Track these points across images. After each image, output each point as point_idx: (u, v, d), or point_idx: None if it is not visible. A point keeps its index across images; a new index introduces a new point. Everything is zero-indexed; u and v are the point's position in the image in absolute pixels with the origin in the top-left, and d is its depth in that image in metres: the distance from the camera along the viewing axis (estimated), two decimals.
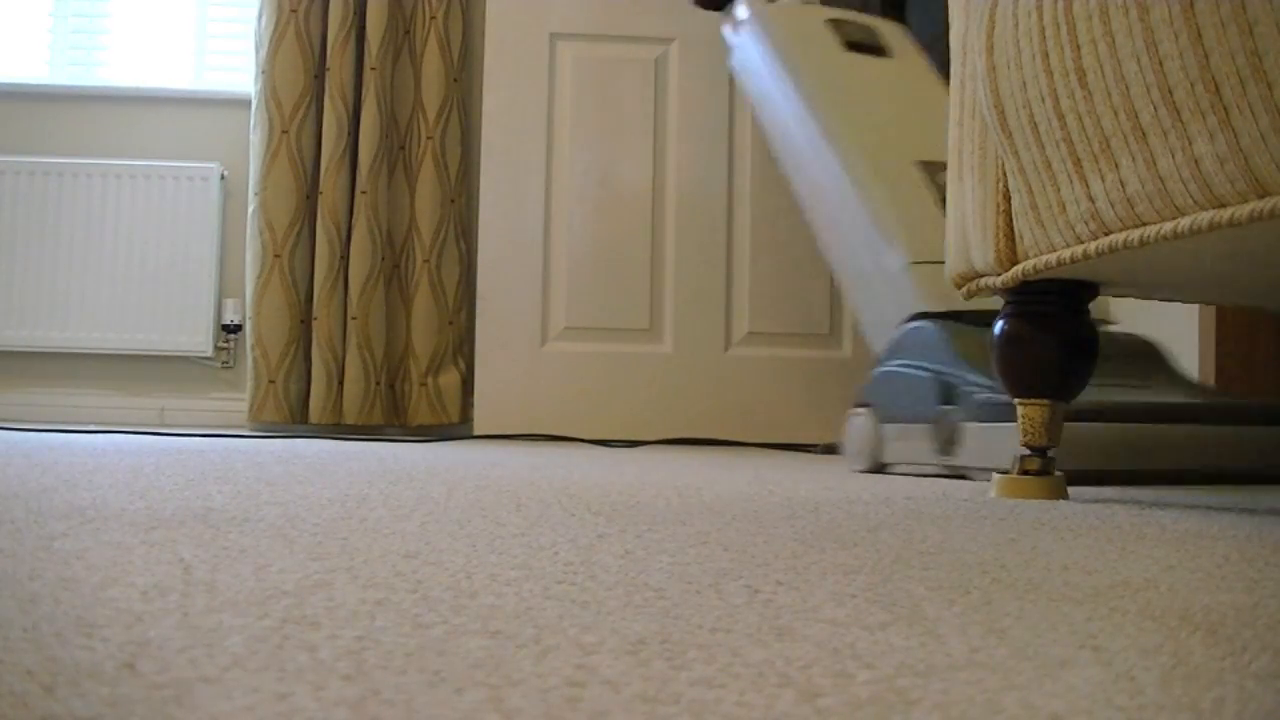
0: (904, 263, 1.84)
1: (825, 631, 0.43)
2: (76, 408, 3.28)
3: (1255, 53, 0.82)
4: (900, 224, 1.90)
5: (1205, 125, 0.87)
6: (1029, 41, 1.06)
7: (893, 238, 1.89)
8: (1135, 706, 0.33)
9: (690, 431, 2.94)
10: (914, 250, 1.84)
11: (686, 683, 0.35)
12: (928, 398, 1.62)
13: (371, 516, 0.83)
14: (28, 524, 0.71)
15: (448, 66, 3.28)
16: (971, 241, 1.25)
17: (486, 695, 0.32)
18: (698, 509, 0.96)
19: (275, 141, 3.17)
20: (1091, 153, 1.00)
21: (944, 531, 0.82)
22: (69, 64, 3.53)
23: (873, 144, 2.02)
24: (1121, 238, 0.99)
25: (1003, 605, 0.50)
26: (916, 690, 0.34)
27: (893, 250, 1.88)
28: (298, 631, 0.40)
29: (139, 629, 0.40)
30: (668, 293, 3.01)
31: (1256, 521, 0.99)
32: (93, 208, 3.31)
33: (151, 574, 0.53)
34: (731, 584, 0.54)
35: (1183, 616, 0.48)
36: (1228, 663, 0.39)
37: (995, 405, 1.45)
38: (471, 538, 0.71)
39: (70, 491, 0.95)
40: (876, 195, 1.95)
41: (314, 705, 0.31)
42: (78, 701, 0.30)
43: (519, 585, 0.52)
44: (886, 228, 1.91)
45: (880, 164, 1.98)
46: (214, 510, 0.83)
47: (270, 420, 3.16)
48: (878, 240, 1.92)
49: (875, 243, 1.92)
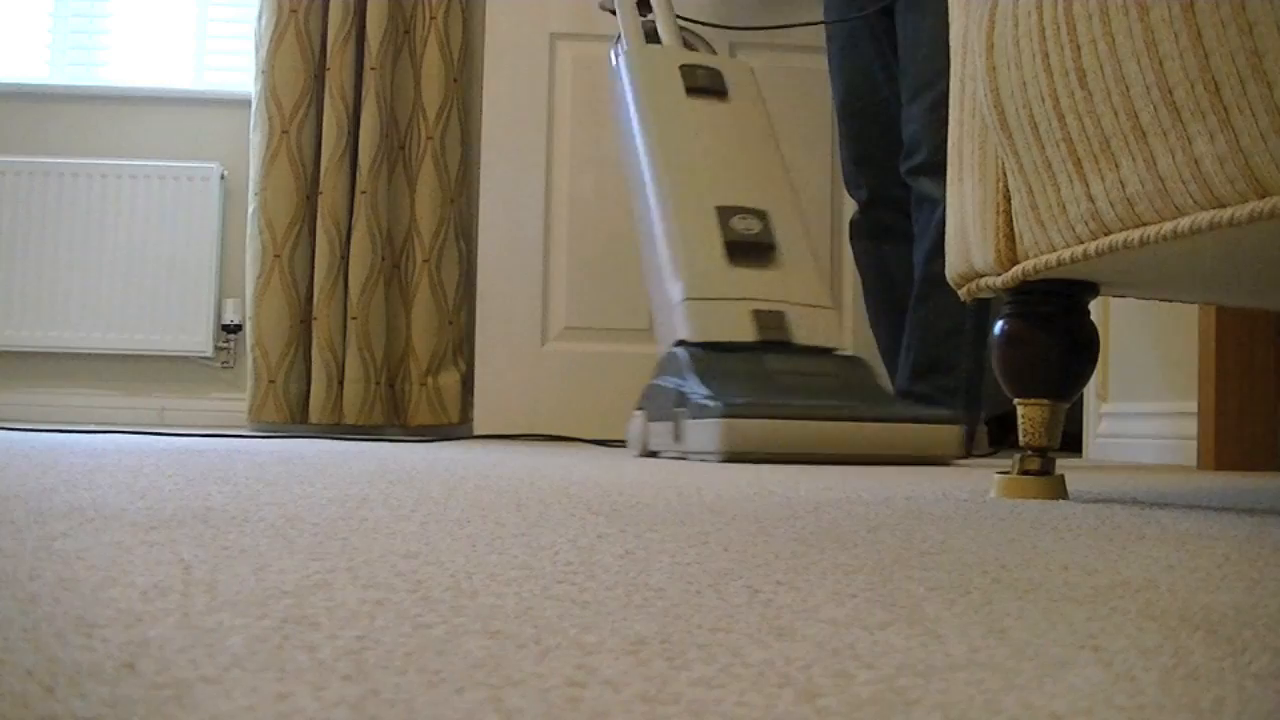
0: (680, 298, 2.22)
1: (825, 631, 0.43)
2: (76, 408, 3.28)
3: (1255, 53, 0.82)
4: (684, 263, 2.24)
5: (1205, 125, 0.87)
6: (1029, 41, 1.06)
7: (676, 274, 2.24)
8: (1135, 706, 0.33)
9: None
10: (690, 288, 2.21)
11: (686, 683, 0.35)
12: (670, 402, 2.15)
13: (371, 517, 0.83)
14: (28, 524, 0.71)
15: (448, 66, 3.28)
16: (971, 241, 1.25)
17: (486, 695, 0.33)
18: (697, 509, 0.96)
19: (275, 141, 3.17)
20: (1091, 153, 1.00)
21: (944, 531, 0.82)
22: (69, 64, 3.53)
23: (682, 186, 2.32)
24: (1121, 238, 0.99)
25: (1003, 605, 0.50)
26: (916, 690, 0.34)
27: (675, 285, 2.23)
28: (298, 631, 0.40)
29: (139, 629, 0.40)
30: None
31: (1256, 521, 0.99)
32: (93, 208, 3.31)
33: (151, 574, 0.53)
34: (731, 584, 0.54)
35: (1183, 616, 0.48)
36: (1228, 663, 0.39)
37: (704, 407, 2.00)
38: (471, 538, 0.71)
39: (70, 491, 0.95)
40: (672, 234, 2.27)
41: (314, 705, 0.31)
42: (78, 701, 0.30)
43: (519, 585, 0.52)
44: (674, 264, 2.25)
45: (683, 206, 2.29)
46: (214, 510, 0.83)
47: (270, 420, 3.17)
48: (667, 273, 2.27)
49: (665, 275, 2.28)
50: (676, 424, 2.10)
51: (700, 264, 2.25)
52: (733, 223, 2.26)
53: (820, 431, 2.03)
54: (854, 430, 2.06)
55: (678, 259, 2.25)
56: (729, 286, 2.23)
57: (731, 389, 2.06)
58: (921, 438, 2.10)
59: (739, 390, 2.06)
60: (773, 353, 2.19)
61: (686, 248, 2.27)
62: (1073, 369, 1.24)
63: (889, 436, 2.08)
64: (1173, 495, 1.34)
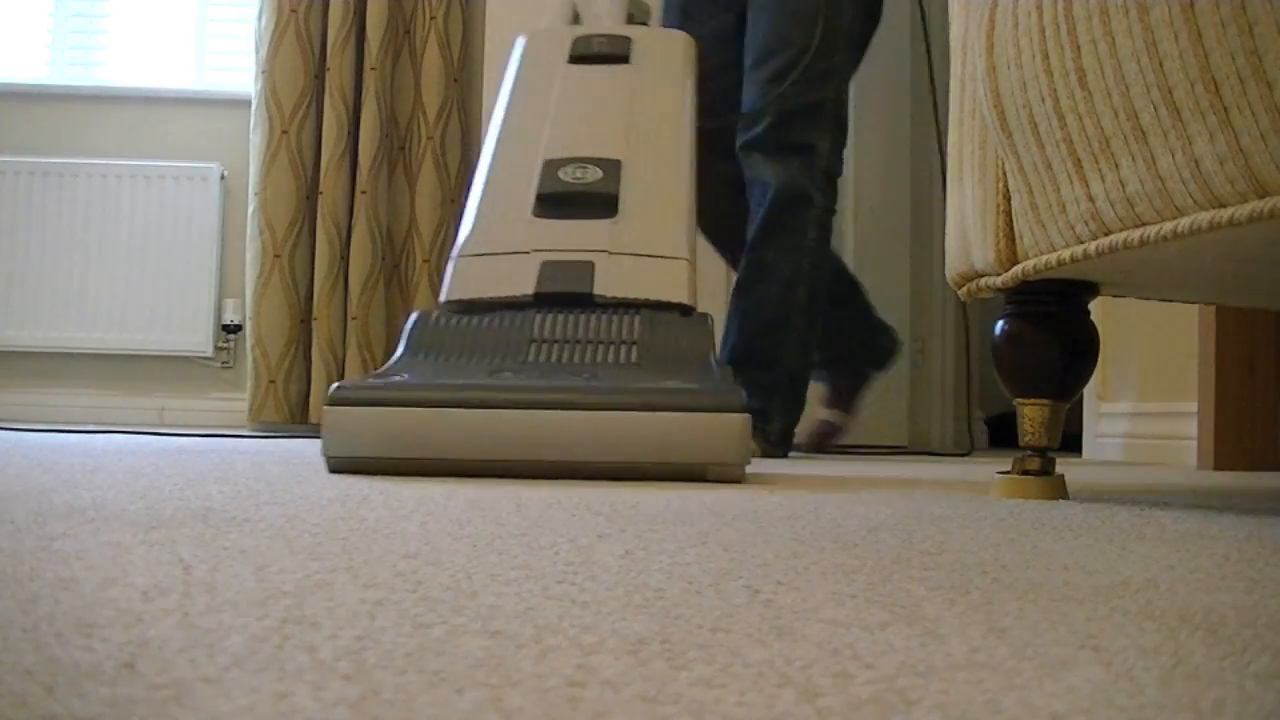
0: (453, 256, 1.79)
1: (825, 631, 0.43)
2: (76, 408, 3.28)
3: (1255, 53, 0.82)
4: (471, 222, 1.83)
5: (1205, 125, 0.87)
6: (1029, 41, 1.06)
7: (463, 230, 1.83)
8: (1135, 706, 0.33)
9: None
10: (465, 244, 1.79)
11: (686, 683, 0.35)
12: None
13: (372, 517, 0.83)
14: (28, 524, 0.71)
15: (448, 66, 3.28)
16: (971, 242, 1.25)
17: (486, 695, 0.33)
18: (697, 509, 0.96)
19: (275, 141, 3.17)
20: (1091, 153, 1.00)
21: (944, 531, 0.82)
22: (69, 64, 3.53)
23: (509, 144, 1.95)
24: (1121, 238, 0.99)
25: (1003, 605, 0.50)
26: (916, 690, 0.34)
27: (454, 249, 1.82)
28: (298, 631, 0.40)
29: (139, 629, 0.40)
30: None
31: (1256, 521, 0.99)
32: (93, 208, 3.31)
33: (151, 574, 0.53)
34: (731, 584, 0.54)
35: (1183, 616, 0.48)
36: (1228, 663, 0.39)
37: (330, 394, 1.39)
38: (472, 538, 0.71)
39: (70, 492, 0.95)
40: (475, 195, 1.88)
41: (314, 705, 0.31)
42: (78, 702, 0.30)
43: (519, 585, 0.52)
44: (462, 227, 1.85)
45: (500, 162, 1.92)
46: (214, 510, 0.83)
47: (270, 420, 3.17)
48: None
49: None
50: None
51: (490, 219, 1.82)
52: (560, 174, 1.84)
53: (503, 427, 1.36)
54: (569, 425, 1.36)
55: (467, 220, 1.84)
56: (518, 239, 1.76)
57: (424, 366, 1.53)
58: (681, 436, 1.36)
59: (434, 367, 1.53)
60: (556, 312, 1.64)
61: (483, 204, 1.85)
62: (1073, 369, 1.24)
63: (628, 435, 1.36)
64: (1173, 495, 1.34)
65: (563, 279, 1.68)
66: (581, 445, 1.36)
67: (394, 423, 1.36)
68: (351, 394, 1.38)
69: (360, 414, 1.36)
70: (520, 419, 1.36)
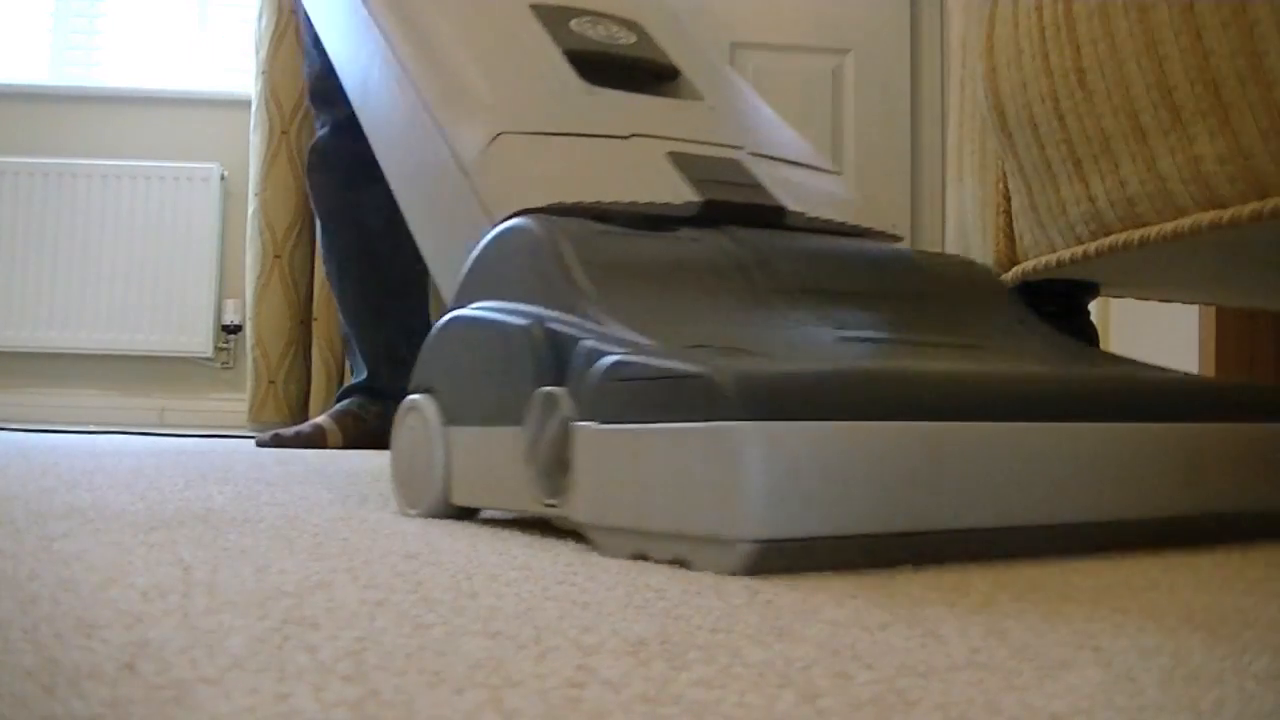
0: (492, 134, 0.95)
1: (825, 632, 0.43)
2: (76, 408, 3.28)
3: (1255, 53, 0.82)
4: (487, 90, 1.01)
5: (1205, 125, 0.87)
6: (1029, 42, 1.06)
7: (471, 110, 1.00)
8: (1135, 707, 0.33)
9: None
10: (512, 117, 0.98)
11: (686, 683, 0.35)
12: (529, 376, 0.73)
13: (372, 517, 0.83)
14: (28, 525, 0.71)
15: None
16: (971, 242, 1.25)
17: (487, 696, 0.32)
18: None
19: (275, 142, 3.17)
20: (1091, 153, 1.00)
21: None
22: (69, 64, 3.53)
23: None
24: (1121, 238, 0.99)
25: (1003, 605, 0.50)
26: (916, 691, 0.34)
27: (471, 125, 0.97)
28: (298, 632, 0.40)
29: (139, 629, 0.40)
30: None
31: None
32: (93, 208, 3.31)
33: (151, 575, 0.53)
34: (731, 584, 0.54)
35: (1183, 616, 0.48)
36: (1228, 663, 0.39)
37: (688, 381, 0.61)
38: (472, 538, 0.71)
39: (70, 492, 0.95)
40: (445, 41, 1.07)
41: (314, 706, 0.31)
42: (78, 702, 0.30)
43: (519, 586, 0.52)
44: (458, 98, 1.01)
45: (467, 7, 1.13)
46: (214, 511, 0.83)
47: (270, 420, 3.16)
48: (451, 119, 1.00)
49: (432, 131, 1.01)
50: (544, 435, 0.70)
51: (521, 85, 1.04)
52: (573, 26, 1.11)
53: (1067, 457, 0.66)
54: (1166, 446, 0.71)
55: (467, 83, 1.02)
56: (598, 118, 1.00)
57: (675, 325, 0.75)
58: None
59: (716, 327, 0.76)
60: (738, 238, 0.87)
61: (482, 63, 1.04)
62: None
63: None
64: None
65: (725, 185, 0.96)
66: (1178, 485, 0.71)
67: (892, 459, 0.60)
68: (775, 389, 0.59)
69: (818, 437, 0.58)
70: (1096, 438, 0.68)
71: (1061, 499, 0.66)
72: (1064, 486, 0.66)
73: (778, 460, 0.56)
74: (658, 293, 0.79)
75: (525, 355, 0.73)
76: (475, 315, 0.82)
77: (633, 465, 0.62)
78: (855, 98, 3.06)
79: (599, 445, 0.65)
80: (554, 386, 0.69)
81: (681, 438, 0.59)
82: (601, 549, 0.65)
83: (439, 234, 1.04)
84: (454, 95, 1.02)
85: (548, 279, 0.78)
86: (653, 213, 0.89)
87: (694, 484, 0.58)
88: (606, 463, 0.64)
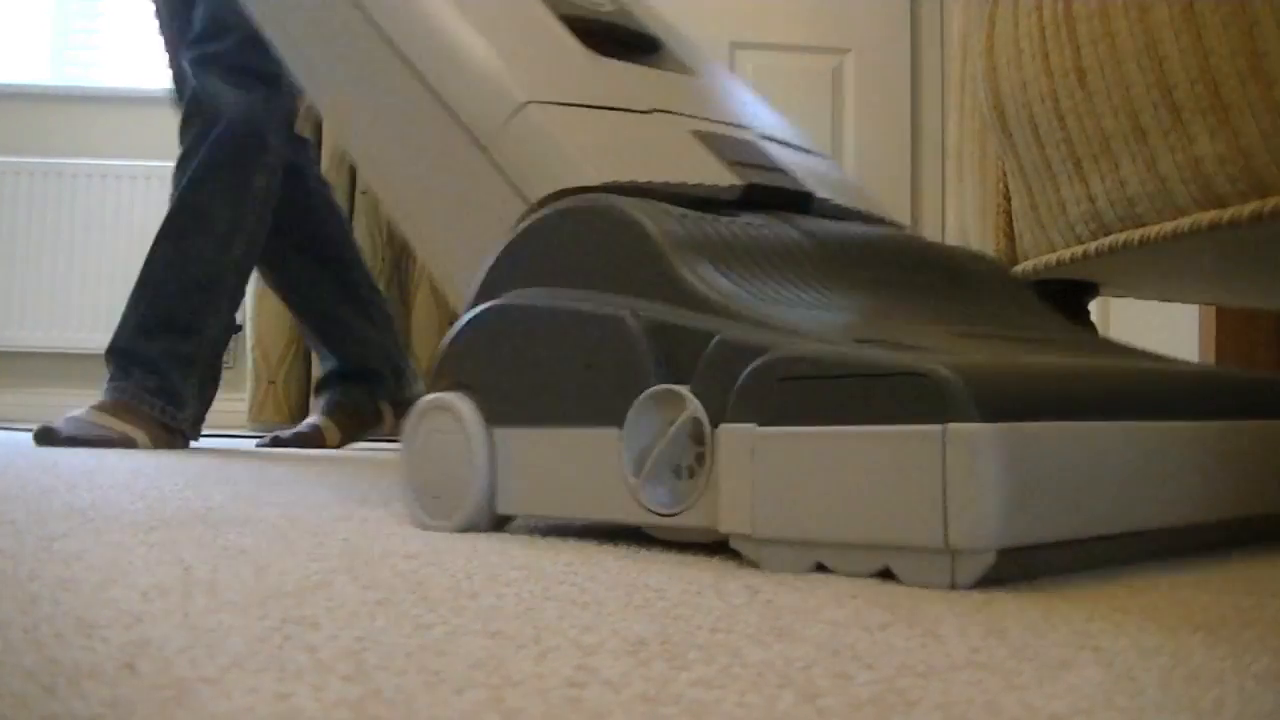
0: (527, 99, 0.88)
1: (825, 632, 0.43)
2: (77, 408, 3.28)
3: (1255, 53, 0.82)
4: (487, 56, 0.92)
5: (1205, 125, 0.87)
6: (1029, 42, 1.06)
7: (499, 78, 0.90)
8: (1135, 707, 0.33)
9: None
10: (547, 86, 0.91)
11: (686, 683, 0.35)
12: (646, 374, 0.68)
13: (372, 517, 0.83)
14: (28, 525, 0.71)
15: None
16: (972, 242, 1.25)
17: (487, 695, 0.32)
18: None
19: None
20: (1091, 153, 1.00)
21: None
22: (69, 65, 3.53)
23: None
24: (1121, 238, 0.99)
25: (1003, 605, 0.50)
26: (916, 691, 0.34)
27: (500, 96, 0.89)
28: (298, 632, 0.40)
29: (139, 629, 0.40)
30: None
31: None
32: (92, 208, 3.32)
33: (152, 574, 0.53)
34: (731, 584, 0.54)
35: (1183, 616, 0.48)
36: (1228, 663, 0.39)
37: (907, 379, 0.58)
38: (472, 538, 0.71)
39: (70, 492, 0.95)
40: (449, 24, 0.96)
41: (314, 705, 0.31)
42: (78, 702, 0.30)
43: (519, 585, 0.52)
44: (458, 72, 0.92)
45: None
46: (214, 511, 0.83)
47: (270, 420, 3.16)
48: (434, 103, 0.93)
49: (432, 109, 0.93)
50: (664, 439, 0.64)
51: (531, 53, 0.97)
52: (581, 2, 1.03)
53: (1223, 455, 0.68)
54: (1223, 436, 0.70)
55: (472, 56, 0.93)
56: (618, 91, 0.94)
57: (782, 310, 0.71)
58: None
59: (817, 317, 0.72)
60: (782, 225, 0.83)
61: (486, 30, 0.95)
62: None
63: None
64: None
65: (757, 169, 0.92)
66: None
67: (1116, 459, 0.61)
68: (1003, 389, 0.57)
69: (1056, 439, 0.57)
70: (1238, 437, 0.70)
71: (1202, 497, 0.67)
72: (1204, 485, 0.67)
73: (1017, 465, 0.54)
74: (760, 281, 0.74)
75: (626, 349, 0.67)
76: (536, 305, 0.74)
77: (813, 471, 0.58)
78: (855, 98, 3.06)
79: (760, 450, 0.60)
80: (670, 385, 0.64)
81: (889, 441, 0.55)
82: (764, 563, 0.60)
83: (446, 222, 0.95)
84: (458, 66, 0.93)
85: (637, 265, 0.71)
86: (704, 194, 0.84)
87: (907, 490, 0.54)
88: (772, 469, 0.59)
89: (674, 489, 0.64)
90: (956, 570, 0.54)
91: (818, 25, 3.02)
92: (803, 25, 3.02)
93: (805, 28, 3.00)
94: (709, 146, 0.90)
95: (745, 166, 0.89)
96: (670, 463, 0.64)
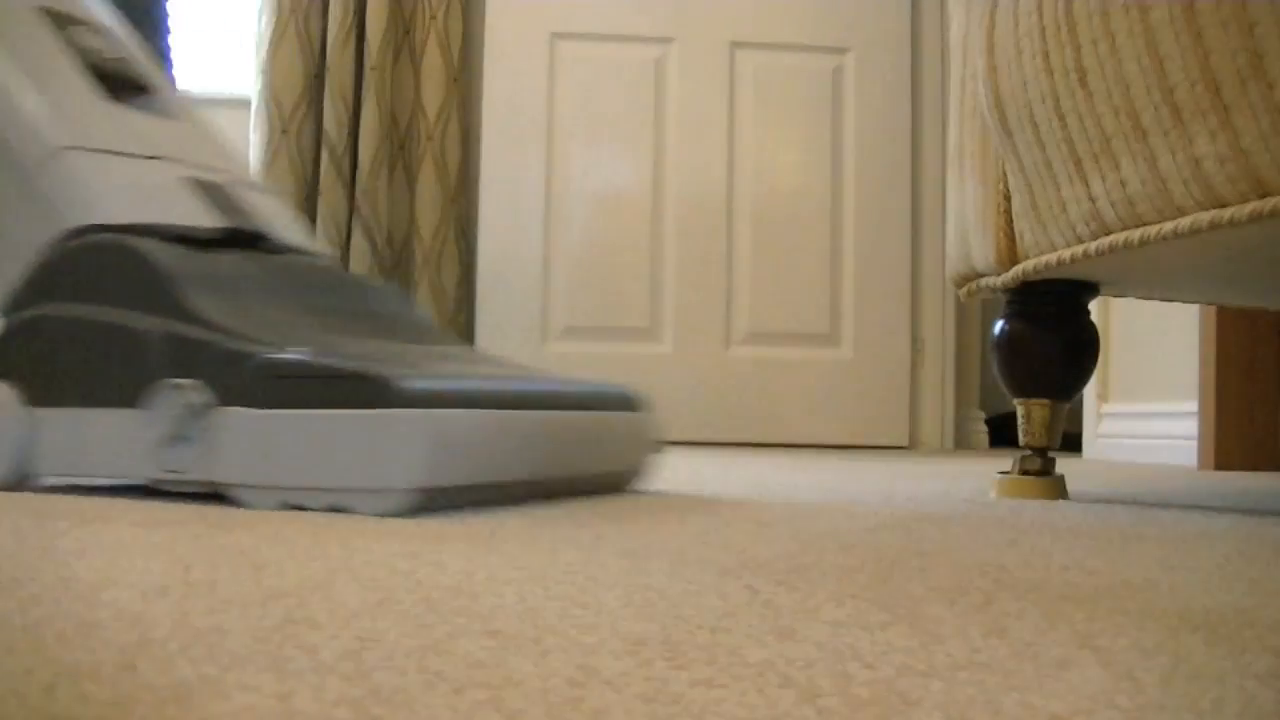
0: (59, 145, 1.08)
1: (826, 632, 0.43)
2: None
3: (1255, 53, 0.82)
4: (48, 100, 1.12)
5: (1205, 125, 0.87)
6: (1029, 41, 1.06)
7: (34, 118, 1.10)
8: (1135, 707, 0.33)
9: (689, 432, 2.94)
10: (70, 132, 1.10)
11: (687, 683, 0.35)
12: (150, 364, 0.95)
13: (372, 517, 0.83)
14: (28, 524, 0.71)
15: (448, 66, 3.28)
16: (972, 242, 1.25)
17: (487, 695, 0.32)
18: (697, 508, 0.96)
19: (275, 141, 3.17)
20: (1092, 153, 1.00)
21: (944, 532, 0.82)
22: None
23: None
24: (1122, 238, 0.99)
25: (1003, 605, 0.50)
26: (917, 690, 0.34)
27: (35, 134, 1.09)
28: (298, 631, 0.40)
29: (139, 629, 0.40)
30: (667, 293, 3.02)
31: (1256, 521, 0.99)
32: None
33: (151, 574, 0.53)
34: (731, 584, 0.54)
35: (1183, 616, 0.48)
36: (1228, 663, 0.39)
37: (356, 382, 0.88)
38: (472, 538, 0.71)
39: (70, 492, 0.95)
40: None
41: (314, 705, 0.31)
42: (78, 702, 0.30)
43: (519, 585, 0.52)
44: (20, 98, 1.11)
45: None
46: (214, 511, 0.83)
47: None
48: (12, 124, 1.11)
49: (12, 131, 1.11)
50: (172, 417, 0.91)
51: (64, 97, 1.14)
52: (77, 37, 1.20)
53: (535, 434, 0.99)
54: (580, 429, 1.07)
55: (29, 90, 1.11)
56: (129, 137, 1.15)
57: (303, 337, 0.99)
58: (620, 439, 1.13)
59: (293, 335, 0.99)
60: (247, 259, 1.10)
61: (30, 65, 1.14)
62: (1073, 369, 1.24)
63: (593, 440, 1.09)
64: (1173, 495, 1.34)
65: (230, 210, 1.14)
66: (579, 454, 1.06)
67: (491, 431, 0.93)
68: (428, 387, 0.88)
69: (460, 419, 0.88)
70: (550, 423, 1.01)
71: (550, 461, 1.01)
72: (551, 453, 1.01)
73: (431, 436, 0.85)
74: (240, 303, 1.01)
75: (143, 352, 0.95)
76: (75, 317, 1.00)
77: (293, 440, 0.87)
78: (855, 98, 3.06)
79: (253, 425, 0.88)
80: (181, 379, 0.92)
81: (349, 420, 0.86)
82: (247, 503, 0.88)
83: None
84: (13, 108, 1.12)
85: (150, 290, 0.98)
86: (199, 235, 1.10)
87: (359, 452, 0.85)
88: (263, 438, 0.88)
89: (183, 454, 0.91)
90: (396, 503, 0.84)
91: (818, 25, 3.02)
92: (803, 25, 3.02)
93: (805, 28, 3.00)
94: (196, 192, 1.15)
95: (223, 211, 1.15)
96: (184, 435, 0.91)
